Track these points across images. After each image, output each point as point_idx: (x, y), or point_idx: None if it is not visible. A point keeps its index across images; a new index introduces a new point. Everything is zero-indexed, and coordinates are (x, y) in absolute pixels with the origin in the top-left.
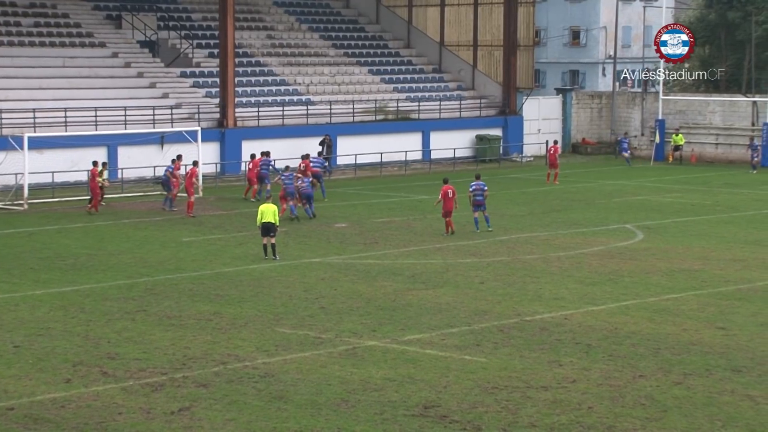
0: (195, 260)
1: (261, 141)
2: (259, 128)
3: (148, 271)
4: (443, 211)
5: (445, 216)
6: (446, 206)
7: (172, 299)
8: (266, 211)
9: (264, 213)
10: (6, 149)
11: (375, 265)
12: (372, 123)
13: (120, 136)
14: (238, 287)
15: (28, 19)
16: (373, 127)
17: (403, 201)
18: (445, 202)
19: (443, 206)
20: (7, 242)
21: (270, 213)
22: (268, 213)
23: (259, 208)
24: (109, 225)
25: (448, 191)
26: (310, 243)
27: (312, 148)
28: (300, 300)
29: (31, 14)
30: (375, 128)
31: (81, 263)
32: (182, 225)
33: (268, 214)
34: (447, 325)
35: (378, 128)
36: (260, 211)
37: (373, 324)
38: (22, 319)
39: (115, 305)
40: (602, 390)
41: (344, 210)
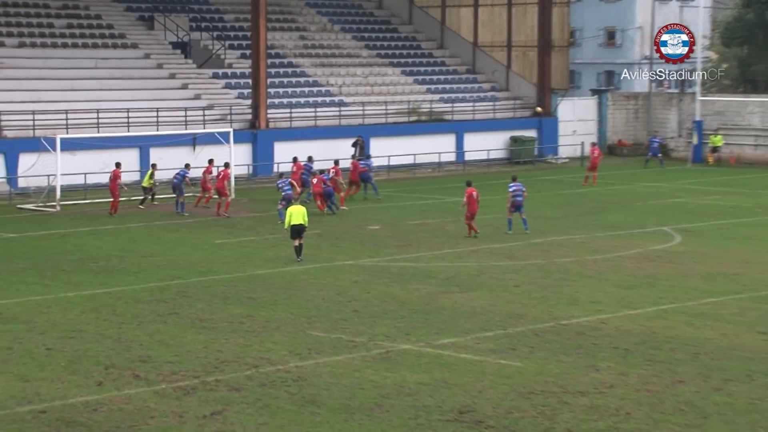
0: (227, 263)
1: (293, 143)
2: (291, 130)
3: (179, 274)
4: (468, 214)
5: (470, 219)
6: (471, 209)
7: (204, 302)
8: (295, 213)
9: (293, 215)
10: (38, 151)
11: (408, 268)
12: (405, 124)
13: (152, 137)
14: (271, 290)
15: (60, 21)
16: (406, 128)
17: (436, 203)
18: (470, 205)
19: (468, 209)
20: (40, 244)
21: (299, 215)
22: (298, 215)
23: (288, 210)
24: (141, 227)
25: (472, 194)
26: (343, 245)
27: (344, 149)
28: (333, 303)
29: (63, 15)
30: (408, 129)
31: (113, 265)
32: (214, 227)
33: (298, 216)
34: (482, 329)
35: (411, 129)
36: (289, 213)
37: (407, 327)
38: (54, 321)
39: (147, 308)
40: (640, 396)
41: (377, 212)
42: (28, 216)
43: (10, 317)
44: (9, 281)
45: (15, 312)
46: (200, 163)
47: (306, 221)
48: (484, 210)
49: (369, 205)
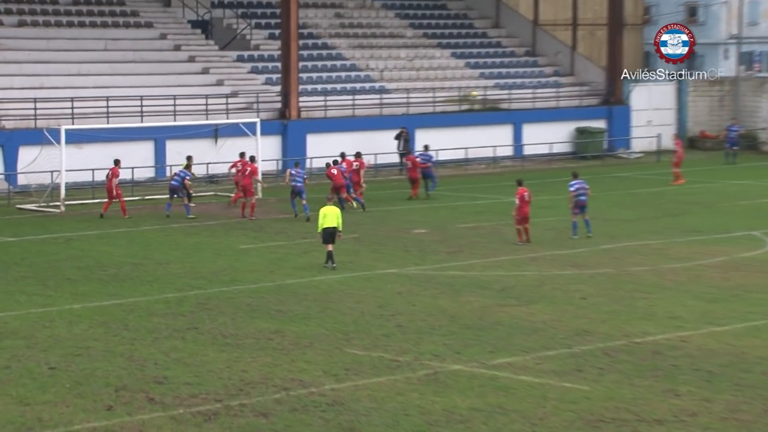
0: (253, 271)
1: (328, 135)
2: (325, 120)
3: (200, 283)
4: (519, 217)
5: (522, 222)
6: (522, 211)
7: (228, 315)
8: (329, 214)
9: (326, 216)
10: (41, 144)
11: (459, 278)
12: (455, 114)
13: (169, 128)
14: (303, 302)
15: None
16: (456, 118)
17: (491, 203)
18: (521, 207)
19: (518, 211)
20: (42, 249)
21: (333, 217)
22: (332, 216)
23: (321, 211)
24: (156, 230)
25: (524, 194)
26: (385, 251)
27: (386, 142)
28: (373, 317)
29: None
30: (458, 120)
31: (124, 274)
32: (239, 230)
33: (332, 218)
34: (543, 347)
35: (462, 120)
36: (322, 213)
37: (458, 345)
38: (58, 336)
39: (162, 322)
40: (727, 425)
41: (424, 214)
42: (28, 217)
43: (9, 332)
44: (7, 291)
45: (14, 326)
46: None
47: (340, 224)
48: (546, 212)
49: (414, 205)
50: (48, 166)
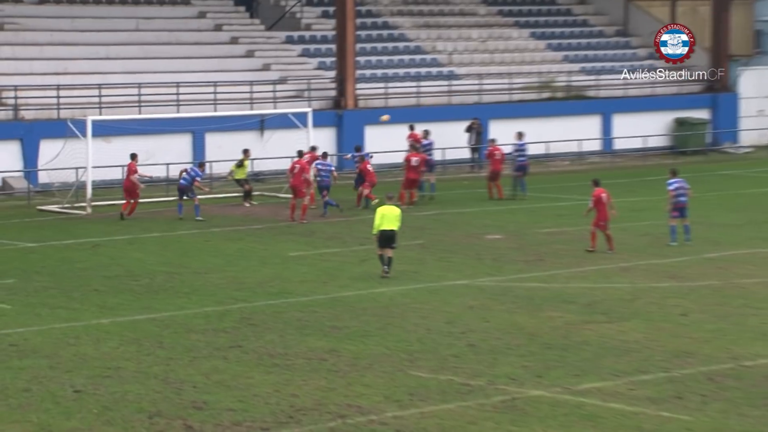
0: (305, 281)
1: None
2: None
3: (244, 296)
4: (597, 221)
5: (602, 228)
6: (601, 215)
7: (276, 332)
8: (388, 215)
9: (384, 217)
10: (64, 137)
11: (540, 290)
12: (535, 103)
13: (208, 120)
14: (361, 317)
15: None
16: (536, 108)
17: (576, 205)
18: (600, 210)
19: (597, 215)
20: (66, 256)
21: (393, 218)
22: (391, 217)
23: (378, 211)
24: (194, 235)
25: (602, 196)
26: (455, 260)
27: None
28: (441, 335)
29: None
30: (539, 110)
31: (158, 284)
32: (288, 235)
33: (390, 219)
34: (637, 371)
35: (543, 110)
36: (379, 214)
37: (539, 368)
38: (84, 355)
39: (201, 339)
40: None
41: (498, 217)
42: (50, 220)
43: (29, 350)
44: (27, 304)
45: (35, 344)
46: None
47: (398, 226)
48: (640, 215)
49: (487, 207)
50: (72, 162)
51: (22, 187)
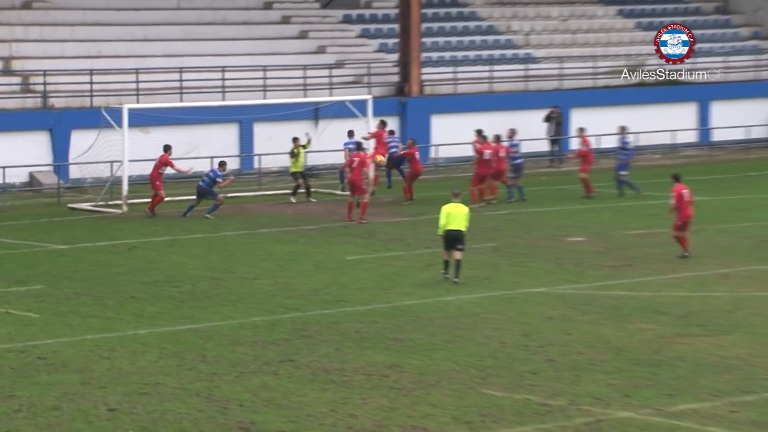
0: (364, 288)
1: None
2: (456, 97)
3: (296, 304)
4: (678, 222)
5: (682, 229)
6: (683, 215)
7: (331, 345)
8: (453, 213)
9: (450, 215)
10: (98, 127)
11: (628, 299)
12: (622, 89)
13: (256, 108)
14: (427, 328)
15: None
16: (623, 94)
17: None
18: (682, 209)
19: (679, 215)
20: (100, 259)
21: (459, 217)
22: (457, 216)
23: (443, 209)
24: (241, 236)
25: (683, 192)
26: (532, 264)
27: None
28: (516, 348)
29: None
30: (627, 97)
31: (201, 291)
32: (345, 237)
33: (457, 218)
34: (739, 391)
35: (631, 97)
36: (444, 212)
37: (627, 386)
38: (119, 370)
39: (249, 352)
40: None
41: (580, 217)
42: (82, 219)
43: (59, 364)
44: (57, 312)
45: (65, 357)
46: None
47: (465, 226)
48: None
49: (567, 206)
50: (107, 156)
51: (51, 182)
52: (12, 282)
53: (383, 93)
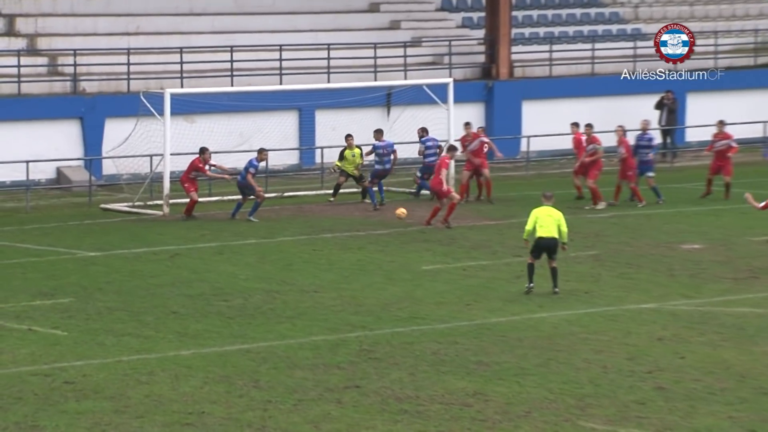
0: (442, 302)
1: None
2: (551, 80)
3: (363, 321)
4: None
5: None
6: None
7: (405, 369)
8: (543, 218)
9: (539, 220)
10: (136, 115)
11: (754, 317)
12: (748, 71)
13: (319, 93)
14: (515, 350)
15: None
16: (749, 77)
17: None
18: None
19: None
20: (137, 269)
21: (550, 222)
22: (547, 221)
23: (533, 213)
24: (301, 242)
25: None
26: (640, 276)
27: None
28: (621, 374)
29: None
30: (753, 79)
31: (254, 306)
32: (420, 243)
33: (547, 224)
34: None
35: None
36: (533, 216)
37: (751, 419)
38: (158, 397)
39: (309, 377)
40: None
41: (697, 220)
42: (117, 222)
43: (90, 389)
44: (88, 330)
45: (97, 381)
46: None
47: (564, 234)
48: None
49: (681, 208)
50: (146, 147)
51: (82, 179)
52: (36, 294)
53: (467, 76)
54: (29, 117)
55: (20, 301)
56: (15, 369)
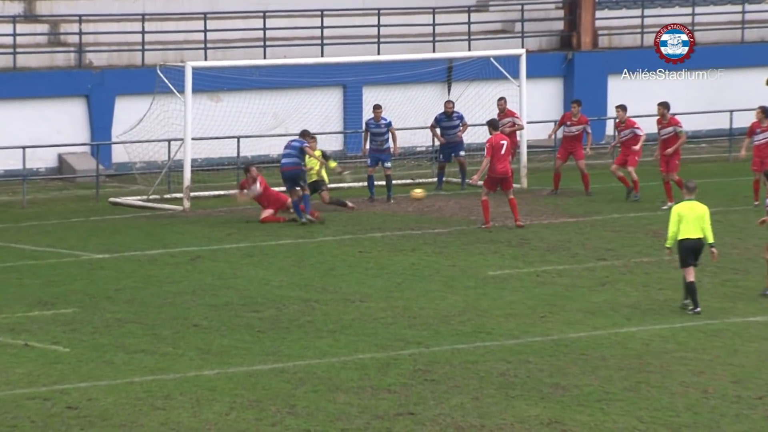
0: (512, 315)
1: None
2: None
3: (419, 336)
4: None
5: None
6: None
7: (467, 393)
8: (687, 216)
9: (683, 219)
10: (152, 93)
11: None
12: None
13: (367, 67)
14: (599, 371)
15: None
16: None
17: None
18: None
19: None
20: (152, 274)
21: (695, 219)
22: (695, 220)
23: (674, 210)
24: (344, 242)
25: None
26: (747, 284)
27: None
28: (726, 401)
29: None
30: None
31: (290, 317)
32: (487, 243)
33: (694, 223)
34: None
35: None
36: (675, 214)
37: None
38: (177, 425)
39: (354, 402)
40: None
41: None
42: (129, 219)
43: (96, 416)
44: (94, 345)
45: (104, 406)
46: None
47: (709, 233)
48: None
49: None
50: (162, 131)
51: (88, 168)
52: (34, 304)
53: (542, 46)
54: (26, 95)
55: (15, 312)
56: (9, 391)
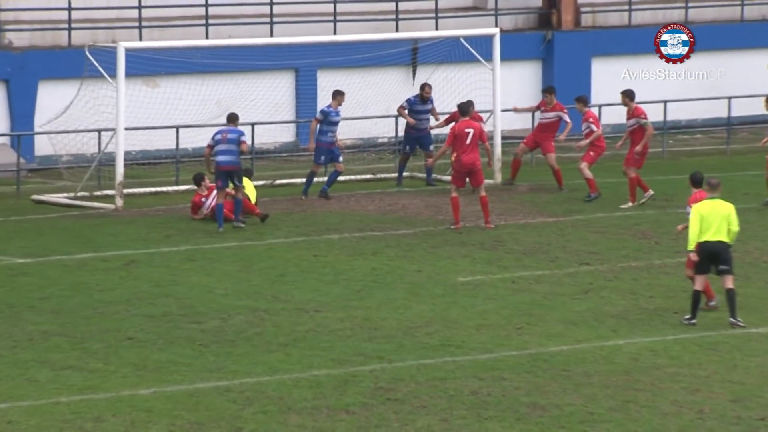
0: (484, 325)
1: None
2: (630, 30)
3: (378, 349)
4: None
5: None
6: None
7: (434, 414)
8: (709, 216)
9: (704, 219)
10: (79, 77)
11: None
12: None
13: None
14: (582, 389)
15: None
16: None
17: None
18: None
19: None
20: (81, 281)
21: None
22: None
23: (694, 210)
24: (298, 245)
25: None
26: (749, 291)
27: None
28: (723, 421)
29: None
30: None
31: (235, 329)
32: (456, 246)
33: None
34: None
35: None
36: (697, 214)
37: None
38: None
39: (308, 424)
40: None
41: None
42: (54, 219)
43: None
44: (15, 361)
45: (27, 428)
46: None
47: (733, 233)
48: None
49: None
50: (92, 121)
51: (8, 162)
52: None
53: (517, 25)
54: None
55: None
56: None
